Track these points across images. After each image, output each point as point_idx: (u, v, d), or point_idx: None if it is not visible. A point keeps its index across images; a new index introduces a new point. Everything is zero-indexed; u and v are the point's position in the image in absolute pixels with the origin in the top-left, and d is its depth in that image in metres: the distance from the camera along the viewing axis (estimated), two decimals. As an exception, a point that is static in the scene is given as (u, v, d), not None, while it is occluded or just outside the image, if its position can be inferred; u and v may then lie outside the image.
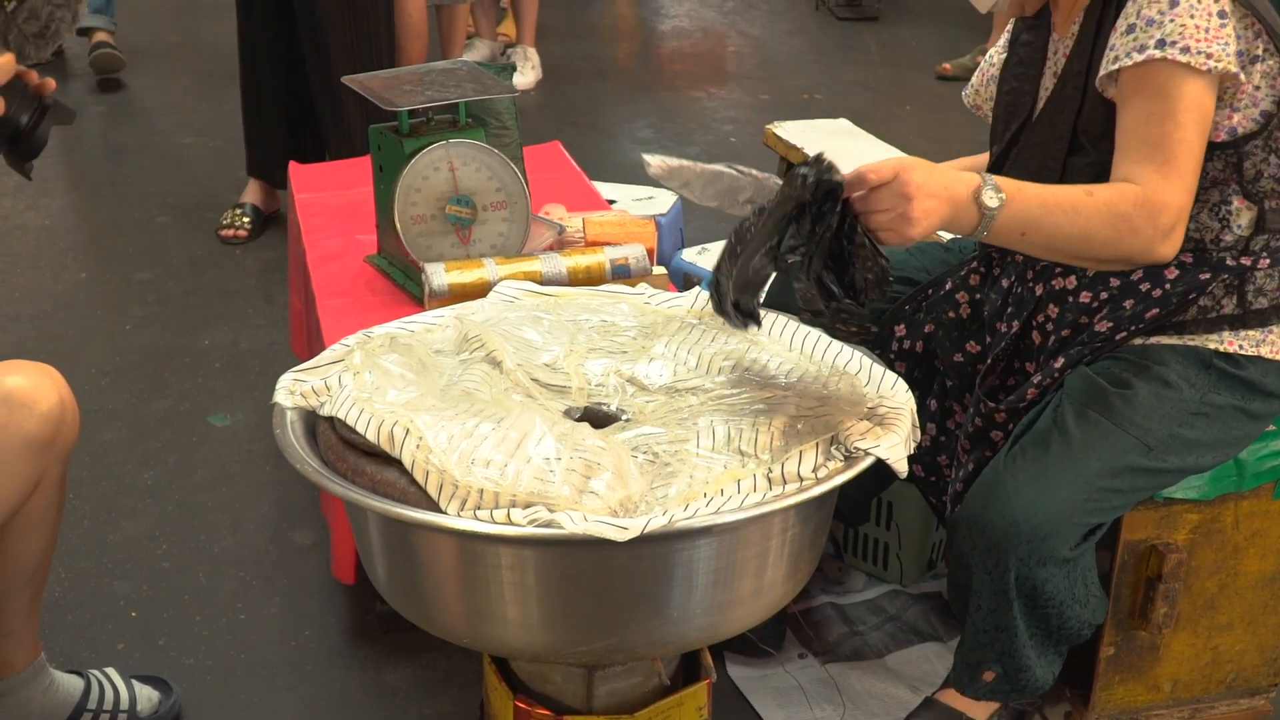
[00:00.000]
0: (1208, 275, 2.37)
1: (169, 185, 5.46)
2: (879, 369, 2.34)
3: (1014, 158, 2.51)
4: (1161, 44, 2.23)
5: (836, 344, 2.40)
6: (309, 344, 3.41)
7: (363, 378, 2.19)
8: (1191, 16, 2.22)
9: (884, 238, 2.11)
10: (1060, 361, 2.44)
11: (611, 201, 4.11)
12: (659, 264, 3.19)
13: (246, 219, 4.98)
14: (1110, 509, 2.35)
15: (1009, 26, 2.67)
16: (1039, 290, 2.50)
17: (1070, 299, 2.46)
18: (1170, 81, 2.23)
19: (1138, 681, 2.60)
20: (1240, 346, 2.39)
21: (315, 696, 2.79)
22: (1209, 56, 2.22)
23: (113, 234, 5.06)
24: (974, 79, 2.79)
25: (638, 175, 5.65)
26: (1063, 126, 2.42)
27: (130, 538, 3.26)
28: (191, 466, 3.56)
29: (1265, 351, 2.40)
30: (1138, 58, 2.24)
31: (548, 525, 1.89)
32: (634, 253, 2.91)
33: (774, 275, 2.18)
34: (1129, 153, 2.26)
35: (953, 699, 2.61)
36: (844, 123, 4.97)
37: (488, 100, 3.06)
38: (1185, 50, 2.22)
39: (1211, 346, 2.39)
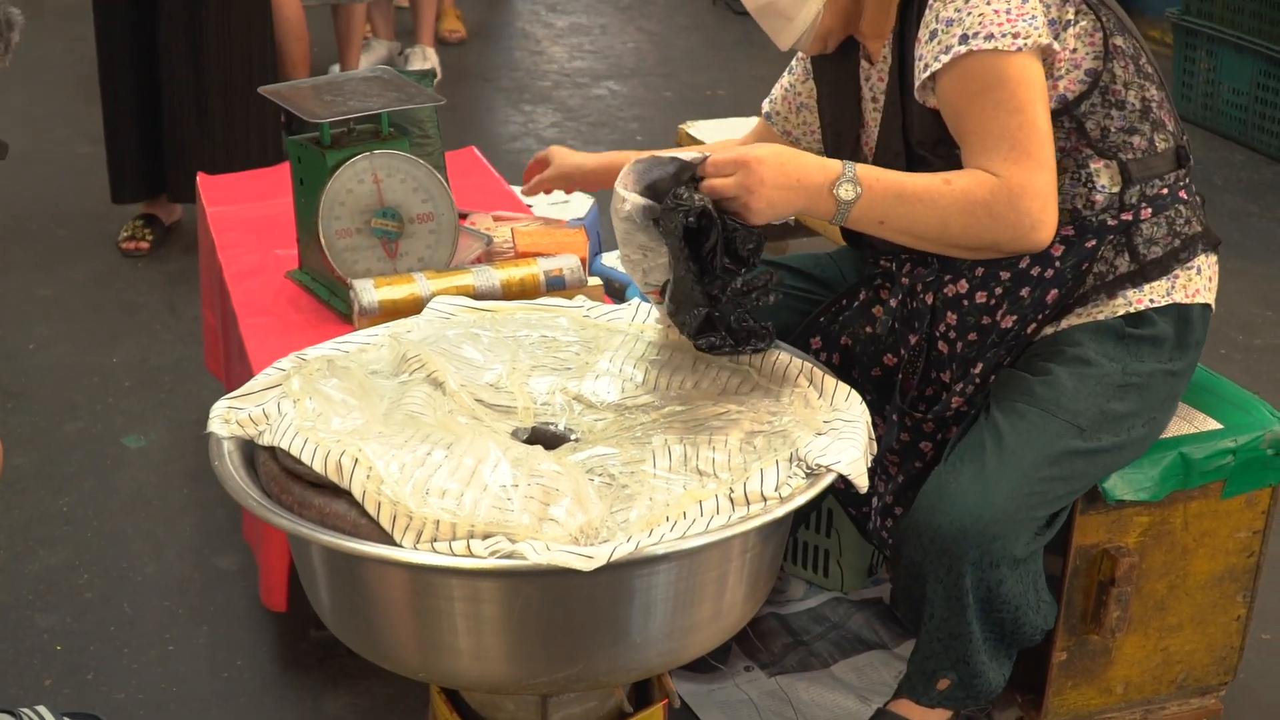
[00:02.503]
0: (1093, 242, 2.36)
1: (66, 196, 5.31)
2: (830, 380, 2.29)
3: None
4: (964, 39, 2.22)
5: (784, 355, 2.36)
6: (227, 362, 3.31)
7: (304, 405, 2.11)
8: (989, 3, 2.23)
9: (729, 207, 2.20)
10: (979, 367, 2.43)
11: (527, 206, 4.04)
12: (584, 272, 3.12)
13: (148, 231, 4.85)
14: (1056, 498, 2.33)
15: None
16: (930, 300, 2.47)
17: (965, 303, 2.43)
18: (989, 71, 2.23)
19: (1090, 685, 2.58)
20: (1151, 300, 2.38)
21: (252, 729, 2.71)
22: (1015, 36, 2.22)
23: (11, 248, 4.91)
24: (776, 96, 2.83)
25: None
26: (896, 145, 2.42)
27: (50, 568, 3.15)
28: (108, 491, 3.45)
29: (1179, 297, 2.39)
30: (945, 59, 2.24)
31: (509, 556, 1.84)
32: (568, 264, 2.85)
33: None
34: (976, 153, 2.26)
35: (905, 709, 2.57)
36: (757, 121, 4.92)
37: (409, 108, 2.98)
38: (989, 38, 2.21)
39: (1120, 314, 2.38)
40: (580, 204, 4.32)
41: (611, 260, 4.12)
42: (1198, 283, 2.42)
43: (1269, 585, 2.66)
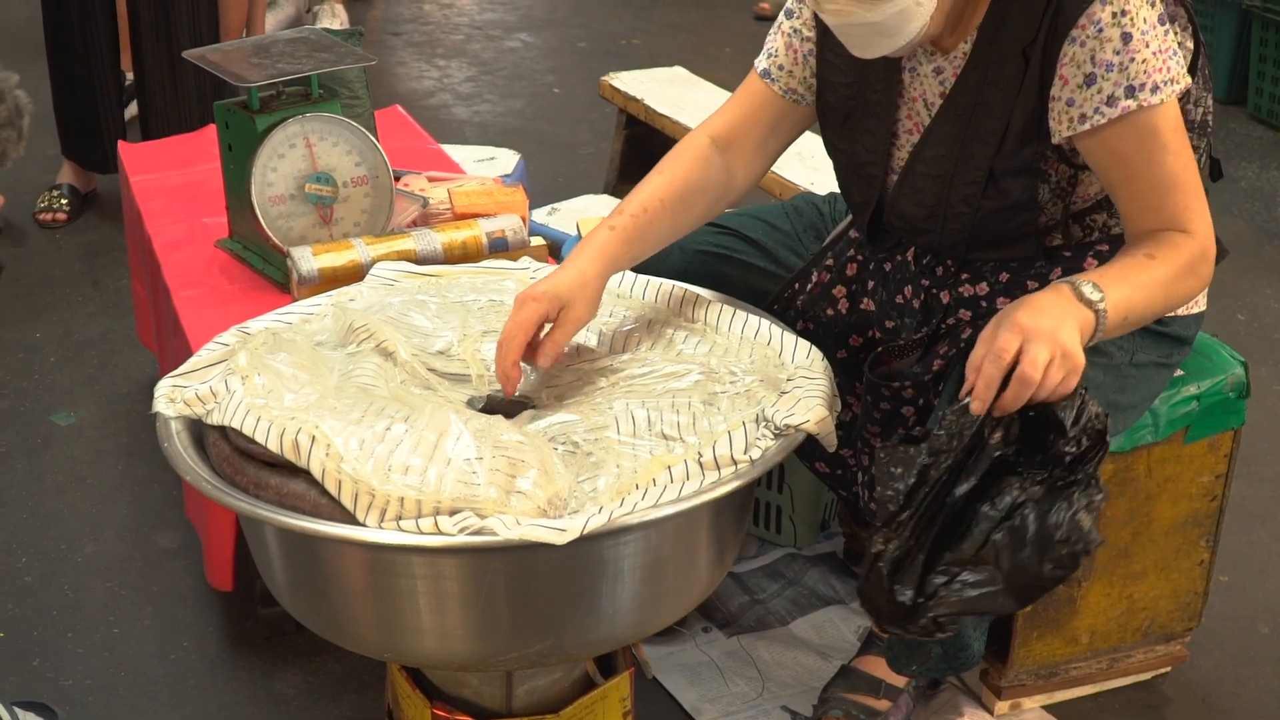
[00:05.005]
0: None
1: (-28, 169, 5.16)
2: (790, 337, 2.25)
3: (899, 187, 2.34)
4: (1131, 91, 2.09)
5: (741, 313, 2.31)
6: (160, 334, 3.23)
7: (252, 381, 2.04)
8: (1146, 45, 2.08)
9: (1062, 391, 2.00)
10: (968, 332, 2.32)
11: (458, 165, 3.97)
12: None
13: (64, 201, 4.72)
14: None
15: None
16: (945, 298, 2.37)
17: (984, 304, 2.34)
18: (1150, 120, 2.11)
19: (1055, 636, 2.56)
20: None
21: (203, 713, 2.63)
22: (1172, 81, 2.11)
23: (-79, 224, 4.78)
24: (778, 54, 2.43)
25: (466, 134, 5.54)
26: (976, 170, 2.24)
27: (-16, 552, 3.07)
28: (40, 470, 3.36)
29: (1181, 310, 2.35)
30: (1110, 114, 2.10)
31: (480, 533, 1.78)
32: (510, 224, 2.78)
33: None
34: (1151, 203, 2.15)
35: (870, 665, 2.54)
36: (679, 70, 4.87)
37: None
38: (1155, 89, 2.09)
39: None
40: (507, 160, 4.24)
41: (541, 217, 4.05)
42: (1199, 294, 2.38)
43: (1226, 528, 2.64)
